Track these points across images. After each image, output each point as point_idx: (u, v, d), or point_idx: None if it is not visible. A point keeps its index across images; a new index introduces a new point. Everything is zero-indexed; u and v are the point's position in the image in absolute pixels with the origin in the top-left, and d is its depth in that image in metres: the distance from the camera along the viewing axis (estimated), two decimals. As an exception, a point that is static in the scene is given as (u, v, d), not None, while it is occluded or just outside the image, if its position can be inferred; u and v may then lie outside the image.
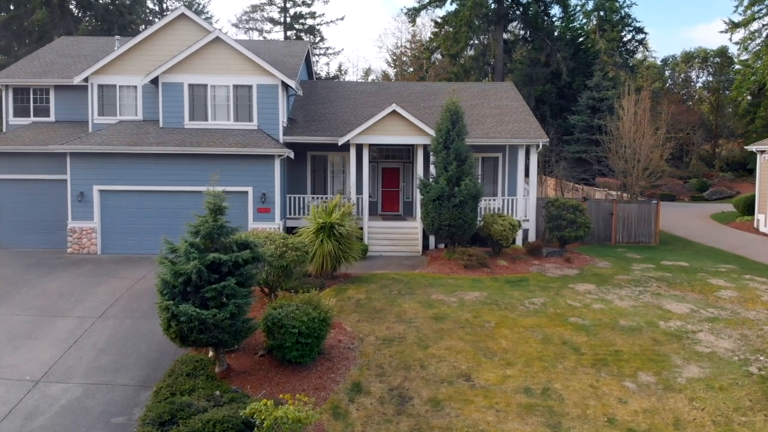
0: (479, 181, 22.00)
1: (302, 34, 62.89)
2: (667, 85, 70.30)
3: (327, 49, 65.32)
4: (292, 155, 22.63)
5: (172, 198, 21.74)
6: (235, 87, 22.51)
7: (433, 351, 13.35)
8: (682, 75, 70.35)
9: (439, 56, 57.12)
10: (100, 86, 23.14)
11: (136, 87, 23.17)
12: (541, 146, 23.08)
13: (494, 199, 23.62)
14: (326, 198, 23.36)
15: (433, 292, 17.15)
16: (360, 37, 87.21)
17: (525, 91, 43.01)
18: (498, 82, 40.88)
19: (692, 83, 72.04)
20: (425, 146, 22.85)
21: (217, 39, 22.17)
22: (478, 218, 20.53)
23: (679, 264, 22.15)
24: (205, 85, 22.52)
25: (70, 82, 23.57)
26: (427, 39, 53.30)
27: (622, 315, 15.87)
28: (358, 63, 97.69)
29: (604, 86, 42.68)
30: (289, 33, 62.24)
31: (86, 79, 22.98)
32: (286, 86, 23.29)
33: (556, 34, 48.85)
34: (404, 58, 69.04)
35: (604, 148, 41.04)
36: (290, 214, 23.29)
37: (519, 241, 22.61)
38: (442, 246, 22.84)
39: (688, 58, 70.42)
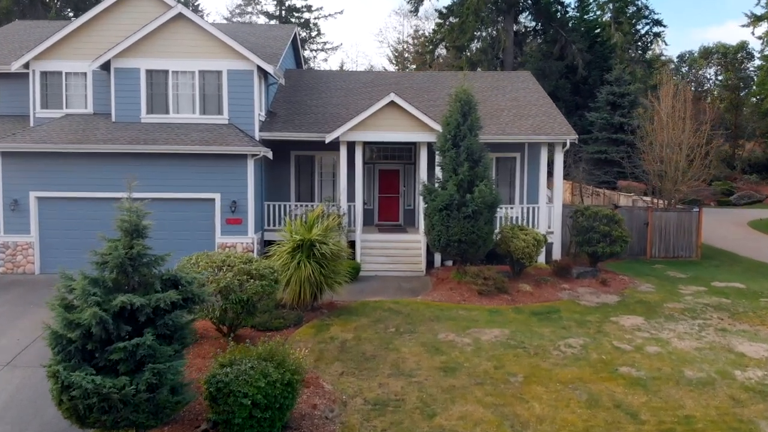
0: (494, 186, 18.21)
1: (299, 29, 59.23)
2: (685, 81, 66.46)
3: (325, 44, 61.61)
4: (270, 155, 18.88)
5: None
6: (202, 73, 18.79)
7: (441, 421, 9.66)
8: (701, 71, 66.51)
9: (443, 52, 53.42)
10: (44, 73, 19.46)
11: (85, 74, 19.48)
12: (568, 144, 19.30)
13: (511, 208, 19.85)
14: (313, 206, 19.59)
15: (440, 330, 13.38)
16: (360, 31, 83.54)
17: (538, 85, 39.19)
18: (512, 71, 37.11)
19: (710, 80, 68.26)
20: (430, 144, 19.10)
21: (180, 15, 18.46)
22: (495, 231, 16.75)
23: (733, 286, 18.42)
24: (166, 71, 18.80)
25: (8, 69, 19.86)
26: (431, 31, 49.53)
27: (685, 362, 12.16)
28: (358, 59, 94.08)
29: (625, 80, 38.85)
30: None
31: (27, 65, 19.29)
32: (264, 73, 19.56)
33: (570, 25, 45.07)
34: (406, 55, 65.32)
35: (629, 147, 37.45)
36: (270, 225, 19.53)
37: (541, 257, 18.84)
38: (449, 263, 19.07)
39: (707, 54, 66.57)
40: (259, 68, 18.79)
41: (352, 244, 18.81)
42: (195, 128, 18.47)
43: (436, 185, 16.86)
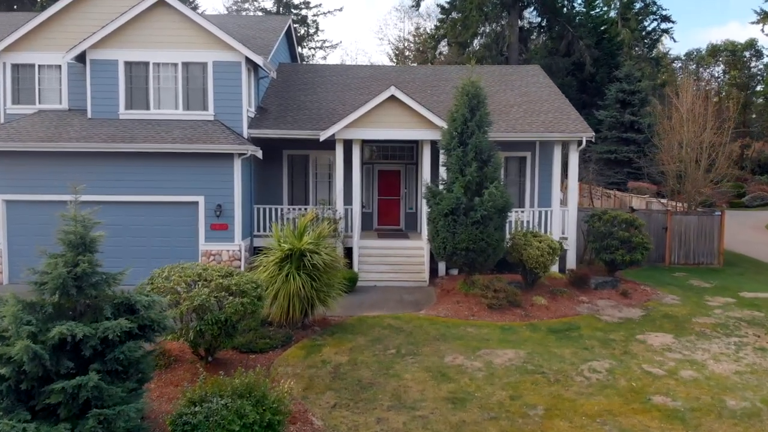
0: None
1: (295, 25, 57.74)
2: (702, 79, 64.99)
3: (323, 42, 60.02)
4: (259, 154, 17.35)
5: (101, 211, 16.44)
6: (185, 65, 17.25)
7: (450, 468, 8.11)
8: (708, 69, 64.97)
9: (444, 50, 51.88)
10: (15, 66, 17.94)
11: (60, 67, 17.95)
12: (584, 142, 17.75)
13: (521, 211, 18.30)
14: (307, 210, 18.07)
15: (447, 351, 11.84)
16: (359, 29, 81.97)
17: (544, 83, 37.63)
18: (521, 65, 35.54)
19: (718, 79, 66.66)
20: (434, 143, 17.59)
21: (162, 2, 16.91)
22: (506, 238, 15.20)
23: (764, 297, 16.98)
24: (147, 63, 17.27)
25: (-24, 62, 18.33)
26: (433, 28, 48.01)
27: (726, 389, 10.67)
28: (357, 57, 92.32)
29: (635, 77, 37.31)
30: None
31: (-4, 57, 17.77)
32: (254, 66, 18.03)
33: (577, 20, 43.55)
34: (407, 53, 63.75)
35: (640, 147, 35.93)
36: (260, 230, 17.98)
37: (555, 266, 17.28)
38: (455, 271, 17.54)
39: (715, 51, 65.00)
40: (248, 60, 17.25)
41: (349, 251, 17.30)
42: (177, 125, 16.93)
43: (441, 187, 15.33)
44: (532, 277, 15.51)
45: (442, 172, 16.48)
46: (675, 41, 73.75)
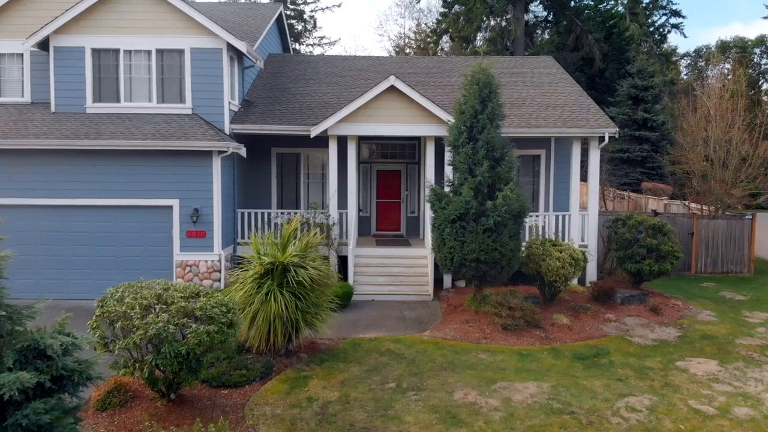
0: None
1: (293, 21, 55.88)
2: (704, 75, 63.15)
3: (322, 38, 58.12)
4: (243, 152, 15.49)
5: (63, 216, 14.65)
6: (160, 53, 15.40)
7: None
8: (719, 67, 63.10)
9: (446, 46, 49.98)
10: (-28, 54, 16.08)
11: (22, 56, 16.09)
12: (606, 139, 15.88)
13: (535, 216, 16.42)
14: (301, 215, 16.23)
15: (456, 384, 9.96)
16: (359, 25, 79.97)
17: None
18: (532, 56, 33.65)
19: (728, 76, 64.81)
20: (439, 139, 15.75)
21: (133, -19, 15.07)
22: (522, 247, 13.33)
23: (808, 311, 15.06)
24: (117, 51, 15.41)
25: (-70, 50, 16.47)
26: (434, 21, 46.10)
27: (794, 432, 8.77)
28: (357, 54, 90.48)
29: (648, 72, 35.39)
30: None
31: (-50, 45, 15.92)
32: (238, 54, 16.19)
33: (585, 14, 41.66)
34: (408, 50, 61.85)
35: (654, 145, 34.06)
36: (244, 237, 16.10)
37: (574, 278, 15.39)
38: (462, 283, 15.69)
39: (725, 48, 63.15)
40: (231, 47, 15.39)
41: (343, 260, 15.45)
42: (151, 120, 15.07)
43: (447, 189, 13.47)
44: (551, 292, 13.64)
45: (449, 172, 14.67)
46: (685, 37, 71.54)
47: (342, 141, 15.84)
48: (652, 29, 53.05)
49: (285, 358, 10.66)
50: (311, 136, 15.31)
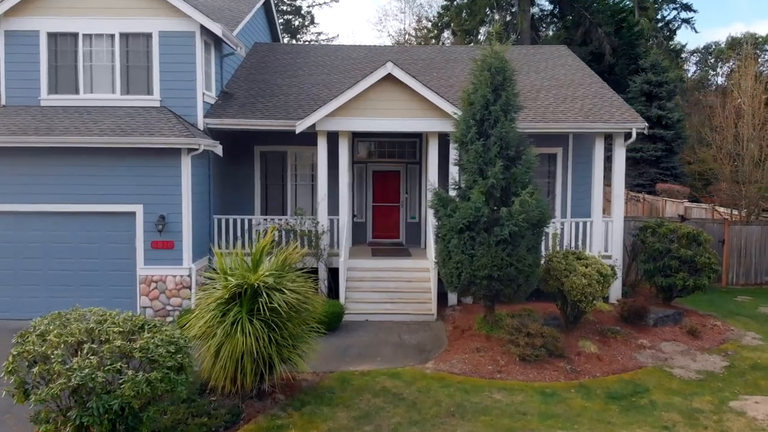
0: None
1: (289, 16, 54.02)
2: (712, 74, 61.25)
3: (319, 34, 56.24)
4: (218, 150, 13.59)
5: (13, 224, 12.73)
6: (124, 37, 13.48)
7: None
8: (728, 63, 61.12)
9: (448, 42, 48.05)
10: None
11: (-30, 41, 14.17)
12: (634, 135, 13.95)
13: (552, 222, 14.42)
14: (286, 221, 14.30)
15: (467, 436, 8.03)
16: (357, 21, 77.90)
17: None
18: (545, 45, 31.70)
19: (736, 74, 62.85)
20: (443, 136, 13.84)
21: (92, -44, 13.14)
22: (541, 260, 11.36)
23: None
24: (75, 35, 13.50)
25: None
26: (435, 15, 44.15)
27: None
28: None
29: (662, 67, 33.47)
30: (277, 20, 53.22)
31: None
32: (215, 40, 14.27)
33: (594, 6, 39.71)
34: (408, 47, 59.91)
35: (669, 144, 32.12)
36: (221, 248, 14.12)
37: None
38: (469, 299, 13.75)
39: (735, 44, 61.16)
40: (205, 31, 13.47)
41: (334, 273, 13.53)
42: (112, 113, 13.15)
43: (454, 193, 11.54)
44: (574, 313, 11.69)
45: (455, 173, 12.75)
46: (696, 32, 69.14)
47: (333, 138, 13.92)
48: (661, 24, 51.16)
49: (257, 401, 8.72)
50: (297, 132, 13.38)
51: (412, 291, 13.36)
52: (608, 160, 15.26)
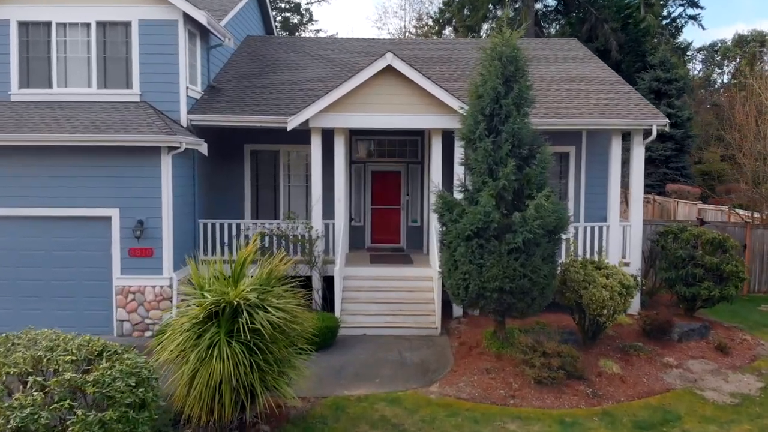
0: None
1: (288, 14, 52.96)
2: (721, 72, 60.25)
3: (318, 32, 55.16)
4: (204, 149, 12.53)
5: (-23, 229, 11.66)
6: (101, 26, 12.41)
7: None
8: (735, 61, 60.05)
9: (450, 38, 46.95)
10: None
11: (-64, 31, 13.09)
12: (654, 132, 12.87)
13: (568, 228, 13.32)
14: (278, 225, 13.23)
15: (479, 479, 6.94)
16: (357, 18, 76.77)
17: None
18: (554, 38, 30.62)
19: (742, 72, 61.76)
20: (448, 133, 12.81)
21: (66, -63, 12.08)
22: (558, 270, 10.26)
23: None
24: (49, 24, 12.43)
25: None
26: (436, 11, 43.06)
27: None
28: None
29: (671, 64, 32.39)
30: (272, 14, 52.16)
31: None
32: (201, 30, 13.21)
33: (599, 2, 38.63)
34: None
35: (679, 143, 31.02)
36: (207, 255, 13.05)
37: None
38: (475, 311, 12.66)
39: (741, 42, 60.08)
40: (189, 19, 12.40)
41: (330, 282, 12.46)
42: (88, 108, 12.08)
43: (460, 196, 10.47)
44: (593, 328, 10.61)
45: (460, 173, 11.74)
46: (704, 28, 67.56)
47: (328, 135, 12.86)
48: (667, 21, 50.07)
49: (238, 435, 7.65)
50: (288, 129, 12.31)
51: (414, 302, 12.28)
52: (624, 162, 14.19)
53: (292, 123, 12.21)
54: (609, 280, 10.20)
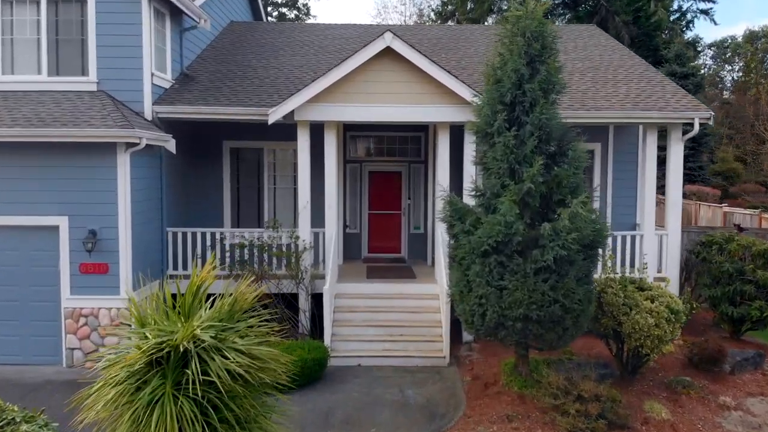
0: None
1: (284, 9, 51.22)
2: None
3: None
4: (171, 145, 10.76)
5: None
6: (53, 3, 10.63)
7: None
8: (746, 57, 58.33)
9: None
10: None
11: None
12: (696, 127, 11.08)
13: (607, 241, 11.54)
14: (260, 235, 11.44)
15: None
16: (356, 14, 75.01)
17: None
18: (572, 24, 28.84)
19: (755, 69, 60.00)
20: (456, 127, 11.05)
21: None
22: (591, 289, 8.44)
23: None
24: (-10, 0, 10.67)
25: None
26: (439, 3, 41.27)
27: None
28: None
29: (687, 57, 30.68)
30: (269, 9, 50.40)
31: None
32: (172, 9, 11.43)
33: (609, -6, 36.87)
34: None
35: (697, 142, 29.30)
36: (177, 269, 11.25)
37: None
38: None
39: (752, 38, 58.36)
40: (156, -5, 10.64)
41: (319, 300, 10.67)
42: (38, 99, 10.31)
43: (474, 202, 8.69)
44: (634, 361, 8.83)
45: (472, 173, 10.00)
46: (716, 23, 65.42)
47: (318, 131, 11.09)
48: (677, 15, 48.35)
49: None
50: (269, 122, 10.52)
51: (418, 324, 10.49)
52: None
53: (274, 115, 10.42)
54: (654, 304, 8.43)
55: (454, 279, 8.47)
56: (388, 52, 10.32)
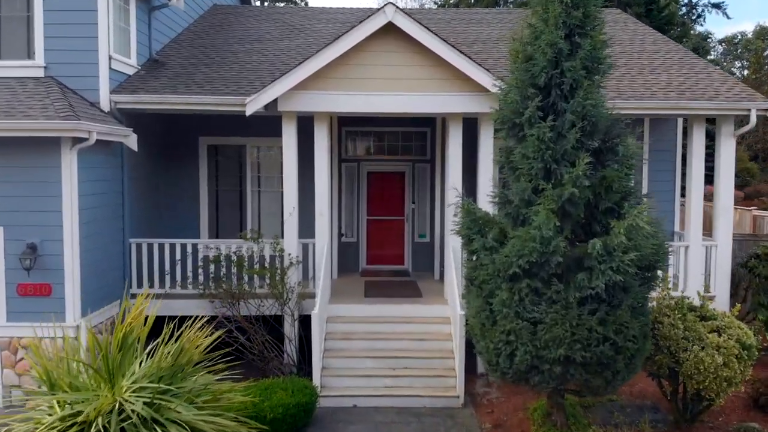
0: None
1: (281, 3, 49.62)
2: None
3: (313, 23, 51.86)
4: (131, 141, 9.10)
5: None
6: (-9, -28, 8.97)
7: None
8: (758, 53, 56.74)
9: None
10: None
11: None
12: (753, 120, 9.40)
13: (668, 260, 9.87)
14: (234, 249, 9.73)
15: None
16: (356, 5, 73.34)
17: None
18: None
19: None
20: (469, 120, 9.38)
21: None
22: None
23: None
24: None
25: None
26: (441, -3, 39.54)
27: None
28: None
29: (704, 50, 29.00)
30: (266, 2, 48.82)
31: None
32: (136, -18, 9.76)
33: (621, -15, 35.22)
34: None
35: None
36: (142, 286, 9.55)
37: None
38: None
39: (763, 33, 56.78)
40: (115, -37, 8.95)
41: (306, 324, 8.96)
42: (-29, 86, 8.64)
43: (496, 210, 7.01)
44: (696, 407, 7.16)
45: (491, 174, 8.33)
46: (728, 17, 63.71)
47: (307, 124, 9.42)
48: (687, 9, 46.76)
49: None
50: (247, 113, 8.83)
51: (425, 355, 8.82)
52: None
53: (254, 105, 8.73)
54: (722, 338, 6.76)
55: (474, 307, 6.79)
56: (390, 29, 8.65)
